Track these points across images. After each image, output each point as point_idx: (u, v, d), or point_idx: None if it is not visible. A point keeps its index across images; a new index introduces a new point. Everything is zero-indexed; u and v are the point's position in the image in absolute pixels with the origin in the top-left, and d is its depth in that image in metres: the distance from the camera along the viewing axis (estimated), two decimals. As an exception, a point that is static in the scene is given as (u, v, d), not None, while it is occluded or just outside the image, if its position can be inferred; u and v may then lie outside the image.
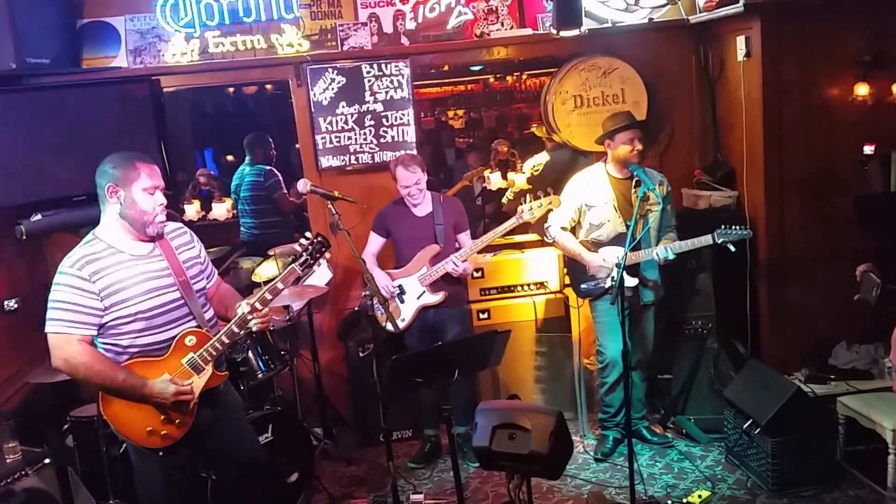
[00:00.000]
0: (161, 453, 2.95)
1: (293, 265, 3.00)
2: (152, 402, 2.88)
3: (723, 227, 4.14)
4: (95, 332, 2.86)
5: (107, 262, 2.85)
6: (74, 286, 2.80)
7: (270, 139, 6.60)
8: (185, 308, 2.98)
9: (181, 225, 3.18)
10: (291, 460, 4.11)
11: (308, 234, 3.05)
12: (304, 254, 3.01)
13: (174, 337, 2.95)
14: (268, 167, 6.41)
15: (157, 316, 2.92)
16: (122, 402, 2.89)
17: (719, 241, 4.13)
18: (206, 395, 3.02)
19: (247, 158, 6.55)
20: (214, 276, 3.28)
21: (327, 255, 3.07)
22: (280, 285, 3.00)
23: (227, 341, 2.99)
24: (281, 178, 6.39)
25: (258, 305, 2.99)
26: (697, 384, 4.70)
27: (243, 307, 2.99)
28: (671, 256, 4.16)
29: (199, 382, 2.97)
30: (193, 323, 3.00)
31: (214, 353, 2.99)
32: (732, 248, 4.15)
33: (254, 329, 3.03)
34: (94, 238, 2.93)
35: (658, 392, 4.94)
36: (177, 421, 2.95)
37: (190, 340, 2.97)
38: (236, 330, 2.99)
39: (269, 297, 3.00)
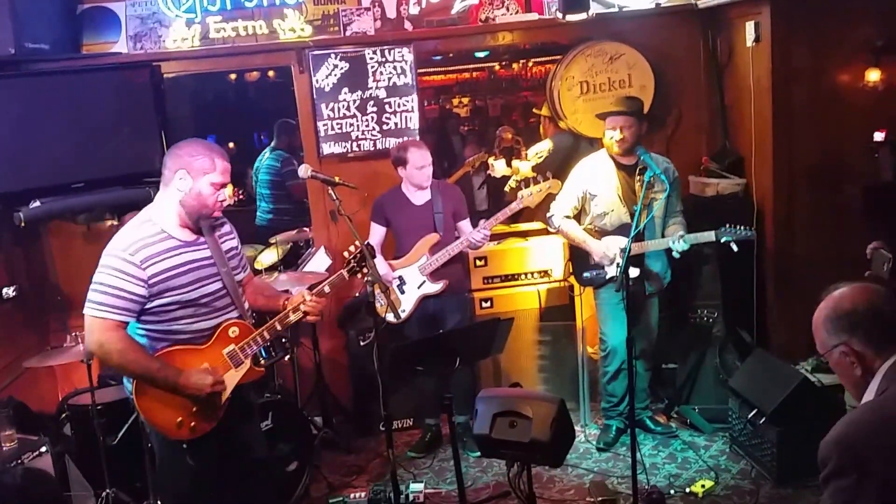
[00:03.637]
0: (185, 446, 2.89)
1: (342, 271, 3.14)
2: (186, 394, 2.81)
3: (727, 225, 4.08)
4: (134, 319, 2.81)
5: (159, 247, 2.81)
6: (123, 271, 2.73)
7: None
8: (227, 298, 2.96)
9: (221, 215, 3.13)
10: (291, 449, 4.08)
11: (357, 243, 3.13)
12: (352, 261, 3.13)
13: (216, 326, 2.92)
14: (287, 154, 6.41)
15: (202, 305, 2.88)
16: (156, 392, 2.82)
17: (721, 241, 4.07)
18: (241, 390, 2.99)
19: (273, 142, 6.57)
20: (248, 268, 3.27)
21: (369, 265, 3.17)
22: (327, 289, 3.09)
23: (268, 336, 3.00)
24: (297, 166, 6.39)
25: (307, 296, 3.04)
26: (702, 373, 4.65)
27: (303, 295, 3.04)
28: (687, 247, 4.09)
29: (235, 375, 2.94)
30: (235, 314, 2.98)
31: (255, 347, 2.98)
32: (735, 248, 4.09)
33: (304, 312, 3.04)
34: (148, 220, 2.86)
35: (662, 381, 4.89)
36: (207, 413, 2.89)
37: (233, 332, 2.95)
38: (278, 327, 3.00)
39: (327, 289, 3.08)
